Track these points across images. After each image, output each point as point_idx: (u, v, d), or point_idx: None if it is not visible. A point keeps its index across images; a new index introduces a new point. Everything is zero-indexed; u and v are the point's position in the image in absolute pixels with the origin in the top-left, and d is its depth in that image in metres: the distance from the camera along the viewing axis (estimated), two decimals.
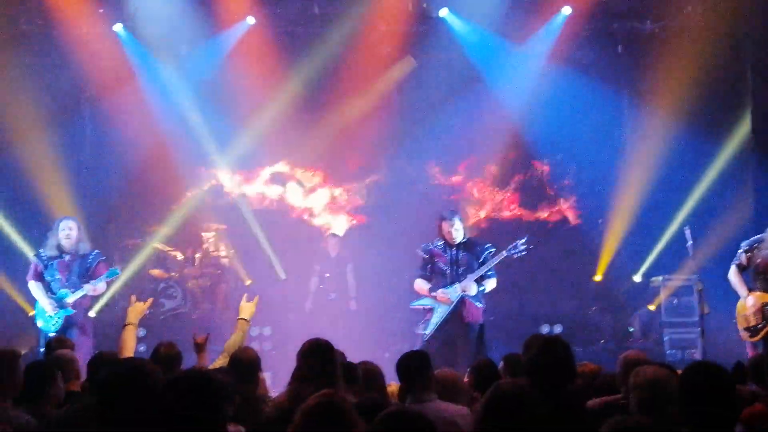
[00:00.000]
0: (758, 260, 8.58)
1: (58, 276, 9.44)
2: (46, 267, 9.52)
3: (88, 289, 9.31)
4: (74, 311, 9.32)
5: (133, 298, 7.75)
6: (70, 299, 9.29)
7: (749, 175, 11.77)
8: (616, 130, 13.45)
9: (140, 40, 13.21)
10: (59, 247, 9.50)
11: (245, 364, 5.53)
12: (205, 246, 12.90)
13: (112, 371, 3.82)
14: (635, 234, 13.07)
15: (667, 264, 12.25)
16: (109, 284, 9.74)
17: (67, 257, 9.48)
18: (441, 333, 9.43)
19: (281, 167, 13.72)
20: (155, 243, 12.94)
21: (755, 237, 8.71)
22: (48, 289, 9.42)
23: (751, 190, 11.48)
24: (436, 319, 9.48)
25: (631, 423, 3.33)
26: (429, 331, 9.46)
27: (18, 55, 12.48)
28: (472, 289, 9.36)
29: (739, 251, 8.72)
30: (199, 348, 6.65)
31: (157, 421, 3.39)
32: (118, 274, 9.82)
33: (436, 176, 13.49)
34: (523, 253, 9.72)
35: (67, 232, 9.49)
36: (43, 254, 9.61)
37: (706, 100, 12.44)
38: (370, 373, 5.83)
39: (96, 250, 9.76)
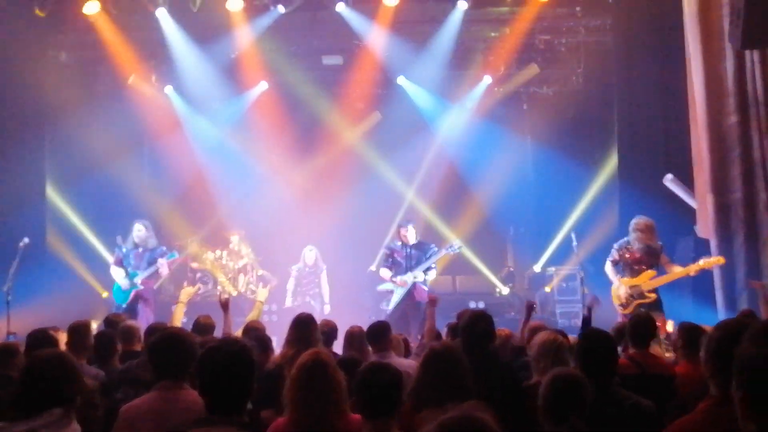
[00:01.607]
0: (627, 255, 8.63)
1: (133, 263, 9.40)
2: (125, 256, 9.49)
3: (158, 264, 9.27)
4: (142, 287, 9.26)
5: (185, 283, 7.71)
6: (139, 278, 9.24)
7: (616, 195, 11.83)
8: (523, 164, 13.50)
9: (184, 98, 13.15)
10: (133, 242, 9.46)
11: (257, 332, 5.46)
12: (230, 246, 12.76)
13: (161, 335, 3.75)
14: (536, 237, 13.12)
15: (558, 258, 12.30)
16: (169, 266, 9.53)
17: (140, 249, 9.44)
18: (398, 309, 9.51)
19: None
20: (192, 264, 12.77)
21: (622, 240, 8.75)
22: (125, 272, 9.37)
23: (617, 207, 11.52)
24: (396, 298, 9.56)
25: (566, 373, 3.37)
26: (391, 307, 9.53)
27: (96, 108, 12.34)
28: (420, 276, 9.40)
29: (612, 250, 8.76)
30: (224, 306, 6.49)
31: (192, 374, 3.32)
32: (176, 257, 9.65)
33: (393, 197, 13.41)
34: (458, 251, 9.76)
35: (137, 231, 9.47)
36: (123, 247, 9.59)
37: (586, 142, 12.55)
38: (352, 336, 5.77)
39: (163, 246, 9.74)
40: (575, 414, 3.15)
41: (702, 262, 8.36)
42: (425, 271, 9.52)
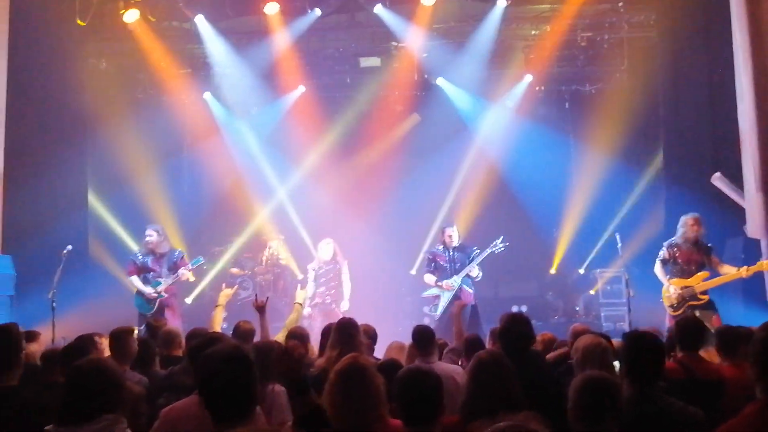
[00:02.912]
0: (677, 253, 8.56)
1: (152, 269, 9.39)
2: (142, 264, 9.45)
3: (180, 274, 9.22)
4: (166, 296, 9.28)
5: (224, 285, 7.79)
6: (162, 287, 9.25)
7: (662, 196, 11.69)
8: (565, 165, 13.36)
9: (222, 103, 13.32)
10: (147, 248, 9.43)
11: (299, 337, 5.49)
12: (269, 251, 12.88)
13: (200, 341, 3.81)
14: (580, 239, 12.99)
15: (602, 260, 12.15)
16: (195, 271, 9.56)
17: (156, 255, 9.41)
18: (446, 313, 9.46)
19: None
20: (231, 269, 12.89)
21: (671, 239, 8.68)
22: (145, 280, 9.37)
23: (662, 207, 11.38)
24: (443, 302, 9.55)
25: (596, 376, 3.30)
26: (439, 312, 9.55)
27: (137, 115, 12.59)
28: (474, 272, 9.45)
29: (662, 250, 8.70)
30: (260, 310, 6.46)
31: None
32: (201, 261, 9.68)
33: (433, 200, 13.37)
34: (501, 249, 9.70)
35: (148, 237, 9.43)
36: (138, 254, 9.59)
37: (631, 141, 12.36)
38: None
39: (179, 249, 9.74)
40: (607, 419, 3.08)
41: (758, 264, 8.25)
42: (470, 273, 9.52)
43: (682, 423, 3.50)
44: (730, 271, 8.38)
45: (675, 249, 8.61)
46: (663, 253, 8.68)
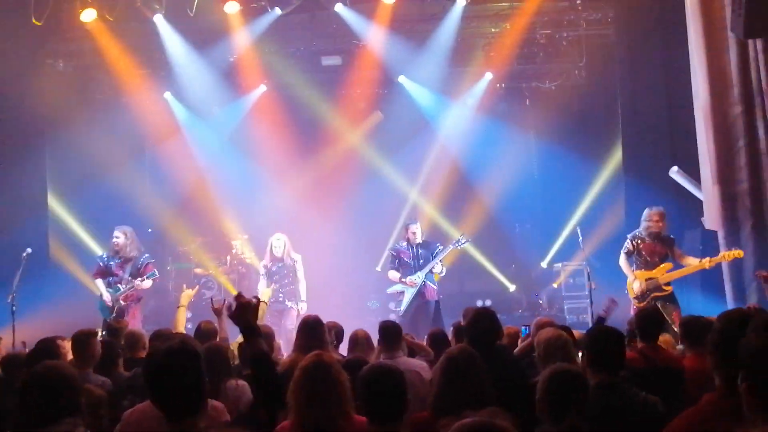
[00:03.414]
0: (641, 245, 8.71)
1: (115, 273, 9.20)
2: (106, 267, 9.28)
3: (136, 284, 9.04)
4: (124, 304, 9.09)
5: (184, 286, 7.73)
6: (120, 295, 9.07)
7: (621, 190, 11.84)
8: (526, 160, 13.49)
9: (183, 103, 13.19)
10: (113, 250, 9.25)
11: (263, 335, 5.44)
12: (233, 251, 12.79)
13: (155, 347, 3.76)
14: (541, 233, 13.11)
15: (564, 254, 12.30)
16: (154, 282, 9.33)
17: (121, 259, 9.22)
18: (410, 309, 9.50)
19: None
20: (195, 269, 12.77)
21: (635, 232, 8.83)
22: (108, 284, 9.20)
23: (622, 201, 11.53)
24: (407, 298, 9.57)
25: (565, 368, 3.33)
26: (403, 308, 9.57)
27: (97, 116, 12.42)
28: (437, 268, 9.47)
29: (626, 243, 8.83)
30: (218, 313, 6.34)
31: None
32: (155, 276, 9.34)
33: (396, 198, 13.40)
34: (464, 244, 9.80)
35: (115, 238, 9.26)
36: (104, 256, 9.43)
37: (590, 137, 12.53)
38: (357, 339, 5.80)
39: (146, 254, 9.47)
40: (574, 411, 3.11)
41: (720, 255, 8.42)
42: (433, 269, 9.56)
43: (644, 413, 3.56)
44: (693, 263, 8.57)
45: (639, 241, 8.75)
46: (627, 245, 8.82)
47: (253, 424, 2.82)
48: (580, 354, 4.27)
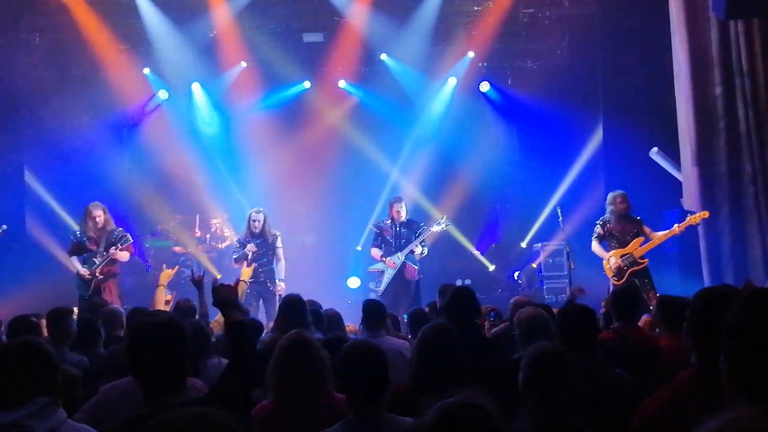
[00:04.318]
0: (611, 227, 8.74)
1: (89, 249, 8.95)
2: (80, 243, 9.04)
3: (111, 254, 8.74)
4: (100, 277, 8.83)
5: (164, 266, 7.68)
6: (96, 269, 8.82)
7: (601, 171, 11.91)
8: (506, 141, 13.49)
9: (163, 79, 13.04)
10: (94, 226, 8.94)
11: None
12: (213, 229, 12.72)
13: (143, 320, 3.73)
14: (521, 213, 13.14)
15: (544, 234, 12.34)
16: (127, 250, 8.96)
17: (96, 234, 8.95)
18: (390, 288, 9.51)
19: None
20: (174, 247, 12.62)
21: (603, 217, 8.89)
22: (84, 260, 8.96)
23: (602, 182, 11.60)
24: (386, 278, 9.57)
25: (550, 347, 3.29)
26: (382, 288, 9.57)
27: (73, 91, 12.26)
28: (417, 249, 9.48)
29: (596, 228, 8.89)
30: (198, 285, 6.35)
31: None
32: (129, 241, 8.95)
33: (377, 176, 13.36)
34: (445, 227, 9.81)
35: (96, 216, 8.90)
36: (77, 233, 9.19)
37: (571, 115, 12.54)
38: (333, 317, 5.81)
39: (120, 228, 9.19)
40: (561, 391, 3.04)
41: (688, 219, 8.51)
42: (413, 250, 9.56)
43: (617, 390, 3.58)
44: (663, 234, 8.61)
45: (608, 225, 8.82)
46: (597, 230, 8.88)
47: (222, 399, 2.76)
48: None
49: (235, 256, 9.71)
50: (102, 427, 3.14)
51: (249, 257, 9.42)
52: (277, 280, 9.34)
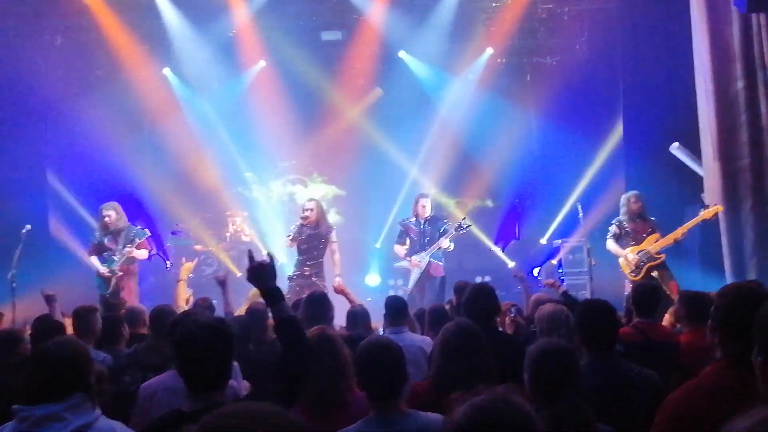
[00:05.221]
0: (626, 226, 8.73)
1: (108, 248, 9.12)
2: (100, 243, 9.21)
3: (126, 251, 8.92)
4: (120, 274, 8.96)
5: (183, 260, 7.73)
6: (116, 266, 8.98)
7: (621, 167, 11.83)
8: (526, 136, 13.44)
9: (182, 79, 13.13)
10: (105, 227, 9.16)
11: (259, 312, 5.45)
12: (233, 227, 12.79)
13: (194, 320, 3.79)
14: (541, 209, 13.09)
15: (564, 230, 12.29)
16: (144, 246, 9.19)
17: (112, 234, 9.13)
18: (416, 286, 9.52)
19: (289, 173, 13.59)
20: (196, 246, 12.65)
21: (617, 217, 8.94)
22: (103, 259, 9.11)
23: (623, 177, 11.54)
24: (414, 276, 9.57)
25: (553, 344, 3.27)
26: (410, 286, 9.58)
27: (95, 92, 12.38)
28: (444, 243, 9.40)
29: (611, 227, 8.93)
30: (222, 284, 6.42)
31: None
32: (146, 235, 9.27)
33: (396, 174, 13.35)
34: (467, 229, 9.76)
35: (106, 217, 9.12)
36: (97, 233, 9.35)
37: (591, 111, 12.47)
38: (358, 314, 5.81)
39: (138, 226, 9.40)
40: (567, 387, 3.00)
41: (702, 214, 8.49)
42: (441, 245, 9.52)
43: (640, 388, 3.52)
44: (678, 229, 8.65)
45: (623, 224, 8.85)
46: (613, 229, 8.93)
47: (271, 395, 2.84)
48: None
49: (288, 236, 9.24)
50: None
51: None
52: (335, 276, 8.88)
